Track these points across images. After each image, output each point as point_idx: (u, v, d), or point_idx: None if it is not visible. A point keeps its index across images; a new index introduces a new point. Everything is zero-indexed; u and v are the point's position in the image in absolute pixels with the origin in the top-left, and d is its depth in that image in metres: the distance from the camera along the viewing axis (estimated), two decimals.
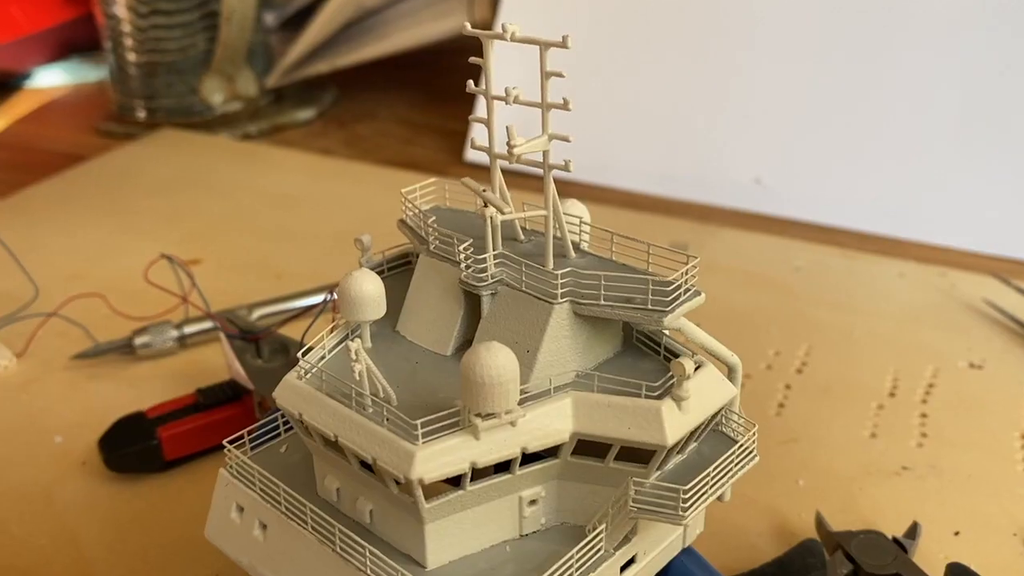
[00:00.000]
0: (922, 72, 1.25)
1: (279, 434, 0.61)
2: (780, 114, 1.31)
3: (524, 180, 0.66)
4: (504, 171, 0.56)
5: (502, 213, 0.54)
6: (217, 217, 1.29)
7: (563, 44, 0.50)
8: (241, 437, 0.60)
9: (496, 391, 0.48)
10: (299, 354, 0.55)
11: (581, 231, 0.60)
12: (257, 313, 1.00)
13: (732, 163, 1.31)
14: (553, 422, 0.51)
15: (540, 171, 0.55)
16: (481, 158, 0.67)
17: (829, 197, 1.25)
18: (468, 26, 0.55)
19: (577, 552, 0.52)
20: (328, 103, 1.71)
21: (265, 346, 0.85)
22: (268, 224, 1.26)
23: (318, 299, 1.00)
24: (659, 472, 0.53)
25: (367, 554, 0.51)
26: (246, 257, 1.18)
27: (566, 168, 0.53)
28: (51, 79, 1.87)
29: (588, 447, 0.52)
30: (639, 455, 0.52)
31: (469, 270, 0.56)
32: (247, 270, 1.14)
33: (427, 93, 1.73)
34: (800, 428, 0.86)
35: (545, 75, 0.52)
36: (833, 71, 1.29)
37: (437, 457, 0.48)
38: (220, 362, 0.92)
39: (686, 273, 0.53)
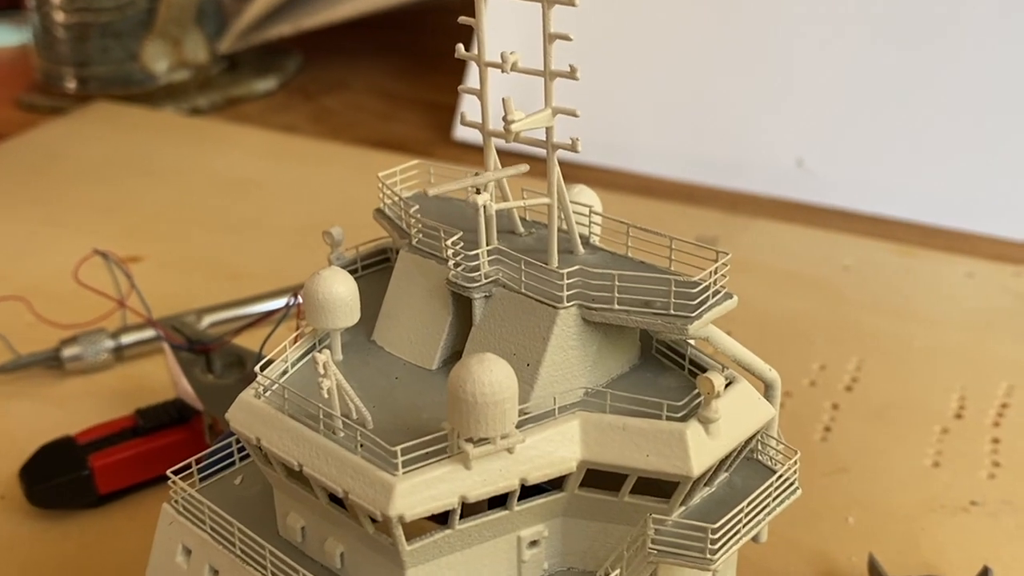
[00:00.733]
0: (994, 33, 1.25)
1: (233, 463, 0.61)
2: (826, 86, 1.31)
3: (524, 162, 0.66)
4: (500, 151, 0.56)
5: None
6: (160, 206, 1.29)
7: (570, 1, 0.50)
8: (189, 466, 0.60)
9: (490, 412, 0.48)
10: (257, 368, 0.55)
11: (591, 222, 0.60)
12: (208, 320, 1.00)
13: (769, 143, 1.31)
14: (558, 448, 0.51)
15: (543, 151, 0.55)
16: (473, 136, 0.67)
17: (884, 183, 1.25)
18: None
19: None
20: (292, 71, 1.71)
21: (217, 359, 0.85)
22: (221, 215, 1.26)
23: (280, 303, 1.00)
24: (683, 508, 0.53)
25: None
26: (195, 254, 1.18)
27: (573, 148, 0.53)
28: None
29: (599, 478, 0.52)
30: (660, 488, 0.52)
31: (458, 268, 0.56)
32: (196, 269, 1.14)
33: (408, 60, 1.74)
34: (850, 456, 0.86)
35: (549, 37, 0.52)
36: (888, 35, 1.29)
37: (420, 490, 0.48)
38: (164, 378, 0.92)
39: (715, 272, 0.53)
